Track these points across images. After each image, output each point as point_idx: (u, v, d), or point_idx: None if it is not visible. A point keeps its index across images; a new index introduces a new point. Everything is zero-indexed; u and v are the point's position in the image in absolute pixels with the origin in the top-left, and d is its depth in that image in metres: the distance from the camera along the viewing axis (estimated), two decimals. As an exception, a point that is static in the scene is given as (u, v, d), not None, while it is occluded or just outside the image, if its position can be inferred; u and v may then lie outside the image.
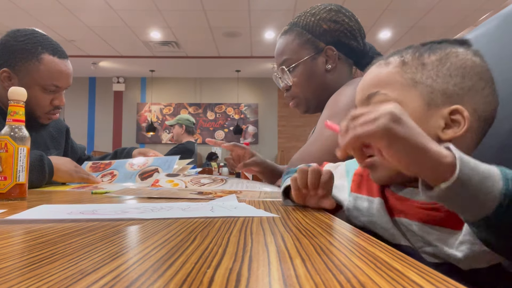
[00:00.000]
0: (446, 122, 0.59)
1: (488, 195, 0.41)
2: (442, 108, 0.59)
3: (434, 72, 0.60)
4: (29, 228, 0.42)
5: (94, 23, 5.27)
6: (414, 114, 0.59)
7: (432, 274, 0.25)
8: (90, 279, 0.23)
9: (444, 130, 0.58)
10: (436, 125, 0.59)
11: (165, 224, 0.45)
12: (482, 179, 0.42)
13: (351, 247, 0.34)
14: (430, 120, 0.59)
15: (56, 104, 1.30)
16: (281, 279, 0.24)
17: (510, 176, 0.42)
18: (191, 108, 7.79)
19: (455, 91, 0.59)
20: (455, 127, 0.58)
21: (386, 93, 0.62)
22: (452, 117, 0.58)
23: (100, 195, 0.91)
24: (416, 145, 0.42)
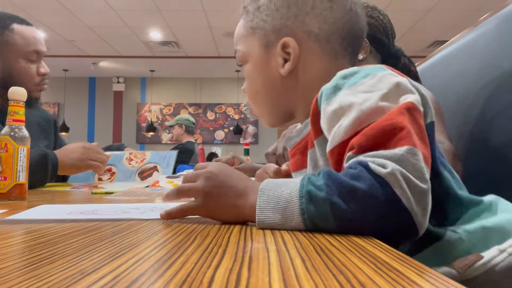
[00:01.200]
0: (285, 58, 0.60)
1: (293, 222, 0.40)
2: (276, 45, 0.60)
3: (265, 13, 0.62)
4: (29, 228, 0.41)
5: (94, 23, 5.27)
6: (257, 60, 0.63)
7: (432, 274, 0.25)
8: (90, 279, 0.23)
9: (284, 67, 0.60)
10: (276, 64, 0.61)
11: (165, 224, 0.45)
12: (283, 214, 0.41)
13: (351, 247, 0.34)
14: (271, 61, 0.61)
15: (43, 72, 1.28)
16: (281, 279, 0.24)
17: (304, 191, 0.41)
18: (191, 108, 7.79)
19: (283, 23, 0.60)
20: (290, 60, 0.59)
21: (239, 48, 0.66)
22: (286, 51, 0.60)
23: (100, 195, 0.91)
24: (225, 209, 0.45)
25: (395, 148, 0.40)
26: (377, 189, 0.38)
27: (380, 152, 0.41)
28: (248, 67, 0.65)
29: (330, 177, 0.41)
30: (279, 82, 0.62)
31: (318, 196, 0.39)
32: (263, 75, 0.63)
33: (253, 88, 0.66)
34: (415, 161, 0.40)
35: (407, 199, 0.38)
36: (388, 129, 0.42)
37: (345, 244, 0.35)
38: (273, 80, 0.62)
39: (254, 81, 0.65)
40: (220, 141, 7.70)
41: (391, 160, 0.39)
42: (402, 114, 0.43)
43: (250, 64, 0.65)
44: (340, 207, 0.38)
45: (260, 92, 0.65)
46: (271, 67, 0.61)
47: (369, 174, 0.39)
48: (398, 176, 0.38)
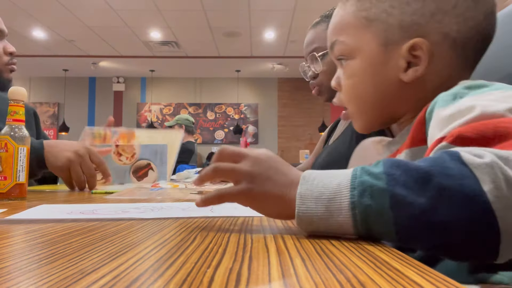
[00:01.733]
0: (409, 61, 0.51)
1: (340, 217, 0.34)
2: (401, 45, 0.51)
3: (388, 3, 0.51)
4: (29, 228, 0.41)
5: (94, 23, 5.27)
6: (371, 59, 0.53)
7: (432, 274, 0.25)
8: (90, 279, 0.23)
9: (407, 72, 0.51)
10: (396, 67, 0.51)
11: (165, 224, 0.45)
12: (328, 206, 0.35)
13: (351, 246, 0.34)
14: (389, 63, 0.52)
15: (10, 51, 1.25)
16: (281, 279, 0.24)
17: (358, 182, 0.34)
18: (191, 108, 7.79)
19: (415, 20, 0.50)
20: (418, 65, 0.50)
21: (343, 40, 0.55)
22: (414, 53, 0.50)
23: (100, 195, 0.90)
24: (272, 198, 0.39)
25: (503, 149, 0.33)
26: (460, 180, 0.31)
27: (482, 148, 0.33)
28: (354, 64, 0.55)
29: (394, 163, 0.34)
30: (395, 88, 0.52)
31: (375, 187, 0.33)
32: (376, 78, 0.53)
33: (359, 89, 0.55)
34: None
35: (497, 200, 0.30)
36: (503, 130, 0.35)
37: (345, 243, 0.35)
38: (387, 84, 0.53)
39: (361, 82, 0.55)
40: (220, 141, 7.70)
41: (495, 155, 0.32)
42: None
43: (358, 61, 0.54)
44: (404, 200, 0.31)
45: (367, 95, 0.55)
46: (389, 69, 0.52)
47: (452, 160, 0.32)
48: (496, 170, 0.30)
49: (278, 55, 6.50)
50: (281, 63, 6.83)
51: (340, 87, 0.58)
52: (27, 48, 6.06)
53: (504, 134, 0.34)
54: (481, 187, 0.30)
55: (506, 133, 0.34)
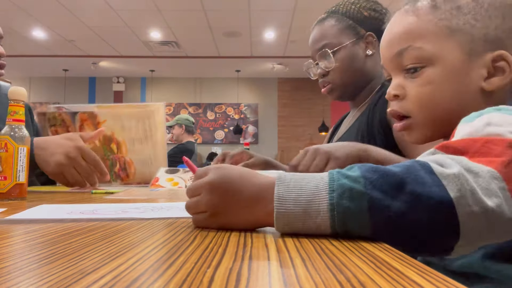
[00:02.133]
0: (489, 71, 0.53)
1: (319, 218, 0.35)
2: (483, 55, 0.53)
3: (471, 16, 0.54)
4: (29, 228, 0.41)
5: (94, 23, 5.27)
6: (453, 67, 0.54)
7: (432, 274, 0.25)
8: (90, 279, 0.23)
9: (488, 80, 0.53)
10: (478, 76, 0.53)
11: (165, 224, 0.45)
12: (306, 208, 0.36)
13: (351, 246, 0.34)
14: (472, 71, 0.53)
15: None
16: (281, 279, 0.24)
17: (336, 184, 0.35)
18: (191, 108, 7.79)
19: (497, 35, 0.53)
20: (499, 75, 0.53)
21: (421, 46, 0.55)
22: (496, 65, 0.53)
23: (100, 195, 0.90)
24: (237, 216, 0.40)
25: (477, 164, 0.37)
26: (430, 188, 0.34)
27: (460, 158, 0.38)
28: (432, 72, 0.55)
29: (370, 168, 0.36)
30: (473, 97, 0.54)
31: (354, 189, 0.35)
32: (456, 86, 0.54)
33: (436, 97, 0.55)
34: (494, 186, 0.35)
35: (461, 207, 0.34)
36: (485, 150, 0.39)
37: (345, 243, 0.35)
38: (466, 93, 0.54)
39: (439, 90, 0.55)
40: (220, 141, 7.70)
41: (464, 167, 0.36)
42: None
43: (438, 69, 0.55)
44: (381, 203, 0.34)
45: (443, 103, 0.55)
46: (470, 78, 0.53)
47: (423, 169, 0.36)
48: (462, 180, 0.35)
49: (278, 55, 6.50)
50: (281, 63, 6.83)
51: (403, 95, 0.58)
52: (27, 48, 6.06)
53: (485, 152, 0.38)
54: (449, 194, 0.34)
55: (488, 152, 0.38)
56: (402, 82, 0.58)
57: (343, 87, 1.13)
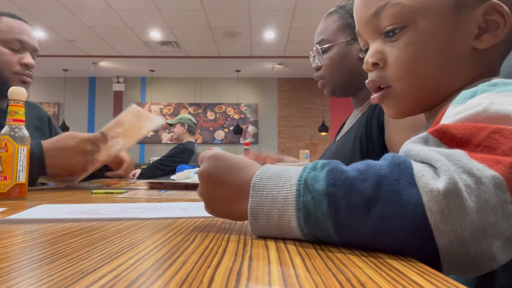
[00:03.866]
0: (480, 26, 0.45)
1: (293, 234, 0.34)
2: (474, 8, 0.45)
3: None
4: (29, 228, 0.41)
5: (94, 23, 5.27)
6: (438, 24, 0.46)
7: (432, 274, 0.25)
8: (90, 279, 0.23)
9: (480, 38, 0.45)
10: (468, 33, 0.46)
11: (165, 224, 0.45)
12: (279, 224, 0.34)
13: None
14: (460, 27, 0.46)
15: (25, 62, 1.24)
16: (281, 279, 0.24)
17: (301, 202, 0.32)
18: (191, 108, 7.79)
19: None
20: (492, 31, 0.45)
21: (400, 1, 0.47)
22: (488, 18, 0.45)
23: (100, 195, 0.91)
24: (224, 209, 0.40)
25: (480, 163, 0.30)
26: (403, 208, 0.29)
27: (458, 156, 0.31)
28: (414, 31, 0.47)
29: (337, 179, 0.32)
30: (463, 57, 0.46)
31: (318, 211, 0.31)
32: (443, 47, 0.46)
33: (420, 59, 0.47)
34: (495, 199, 0.29)
35: (443, 235, 0.28)
36: (493, 142, 0.32)
37: (345, 243, 0.35)
38: (456, 53, 0.46)
39: (423, 52, 0.47)
40: (220, 141, 7.70)
41: (461, 167, 0.29)
42: None
43: (420, 27, 0.47)
44: (347, 226, 0.31)
45: (429, 66, 0.47)
46: (459, 36, 0.45)
47: (403, 177, 0.29)
48: (449, 199, 0.28)
49: (278, 55, 6.50)
50: (281, 63, 6.83)
51: (383, 63, 0.50)
52: (27, 48, 6.06)
53: (491, 146, 0.31)
54: (426, 217, 0.28)
55: (494, 146, 0.31)
56: (381, 48, 0.50)
57: (333, 84, 1.14)
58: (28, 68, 1.26)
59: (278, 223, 0.34)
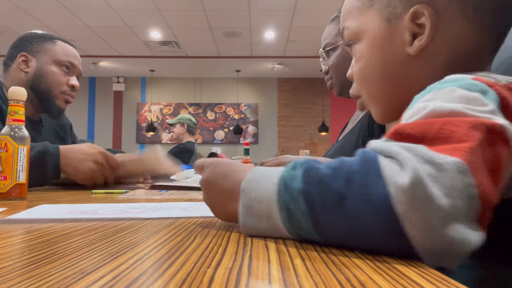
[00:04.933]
0: (414, 32, 0.47)
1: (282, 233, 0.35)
2: (401, 17, 0.48)
3: None
4: (29, 228, 0.41)
5: (94, 23, 5.27)
6: (375, 37, 0.50)
7: (432, 274, 0.25)
8: (90, 279, 0.23)
9: (413, 44, 0.47)
10: (402, 41, 0.48)
11: (165, 224, 0.45)
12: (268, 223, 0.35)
13: (351, 246, 0.34)
14: (394, 38, 0.48)
15: (72, 84, 1.34)
16: (281, 279, 0.24)
17: (282, 202, 0.34)
18: (191, 108, 7.79)
19: None
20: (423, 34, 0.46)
21: (349, 25, 0.54)
22: (418, 22, 0.47)
23: (100, 195, 0.91)
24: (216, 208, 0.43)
25: (441, 153, 0.31)
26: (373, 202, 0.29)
27: (418, 148, 0.31)
28: (360, 47, 0.53)
29: (311, 176, 0.33)
30: (404, 64, 0.49)
31: (298, 211, 0.33)
32: (383, 56, 0.50)
33: (367, 72, 0.52)
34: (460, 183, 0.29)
35: (413, 225, 0.28)
36: (446, 133, 0.33)
37: (345, 243, 0.35)
38: (395, 61, 0.49)
39: (369, 64, 0.52)
40: (220, 141, 7.70)
41: (426, 162, 0.30)
42: (477, 129, 0.33)
43: (364, 43, 0.52)
44: (323, 222, 0.32)
45: (376, 77, 0.52)
46: (395, 45, 0.48)
47: (371, 172, 0.30)
48: (416, 189, 0.29)
49: (278, 55, 6.49)
50: (281, 63, 6.83)
51: (352, 75, 0.56)
52: (27, 48, 6.05)
53: (446, 137, 0.32)
54: (395, 208, 0.29)
55: (448, 136, 0.32)
56: (353, 62, 0.56)
57: (340, 83, 1.17)
58: (74, 90, 1.37)
59: (267, 223, 0.35)
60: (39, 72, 1.28)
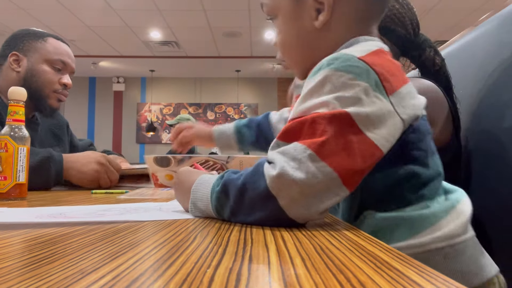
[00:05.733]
0: (317, 8, 0.57)
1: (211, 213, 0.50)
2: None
3: None
4: (29, 228, 0.41)
5: (94, 23, 5.26)
6: (287, 14, 0.60)
7: (432, 274, 0.25)
8: (90, 279, 0.23)
9: (317, 18, 0.57)
10: (309, 16, 0.58)
11: (165, 224, 0.45)
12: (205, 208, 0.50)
13: (351, 246, 0.34)
14: (303, 14, 0.58)
15: (64, 82, 1.32)
16: (281, 279, 0.24)
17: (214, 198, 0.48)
18: (191, 108, 7.79)
19: None
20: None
21: (266, 2, 0.63)
22: (319, 0, 0.57)
23: (100, 195, 0.90)
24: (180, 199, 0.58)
25: (303, 145, 0.44)
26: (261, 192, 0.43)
27: (289, 147, 0.45)
28: (278, 22, 0.63)
29: (226, 181, 0.47)
30: (313, 35, 0.59)
31: (221, 203, 0.48)
32: (296, 29, 0.60)
33: (286, 42, 0.63)
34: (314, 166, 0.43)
35: (287, 203, 0.43)
36: (312, 129, 0.45)
37: (345, 243, 0.35)
38: (306, 33, 0.59)
39: (286, 35, 0.62)
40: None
41: (288, 158, 0.44)
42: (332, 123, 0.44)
43: (280, 19, 0.62)
44: (233, 210, 0.46)
45: (293, 46, 0.63)
46: (304, 20, 0.58)
47: (259, 173, 0.44)
48: (282, 179, 0.42)
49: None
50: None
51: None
52: (27, 48, 6.05)
53: (312, 133, 0.45)
54: (273, 194, 0.43)
55: (313, 132, 0.44)
56: (276, 34, 0.66)
57: None
58: (66, 88, 1.35)
59: (207, 213, 0.51)
60: (30, 71, 1.27)
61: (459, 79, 1.05)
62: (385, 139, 0.47)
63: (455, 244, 0.51)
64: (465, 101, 0.99)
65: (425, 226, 0.51)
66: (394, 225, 0.52)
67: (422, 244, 0.50)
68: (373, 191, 0.53)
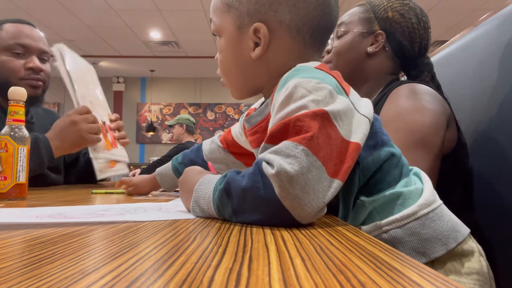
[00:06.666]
0: (256, 41, 0.61)
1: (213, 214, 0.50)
2: (248, 28, 0.61)
3: None
4: (29, 228, 0.41)
5: (94, 23, 5.27)
6: (230, 38, 0.64)
7: (432, 274, 0.25)
8: (90, 279, 0.23)
9: (254, 50, 0.61)
10: (248, 46, 0.62)
11: (165, 224, 0.45)
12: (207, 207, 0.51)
13: (351, 247, 0.34)
14: (243, 42, 0.62)
15: (30, 66, 1.22)
16: (281, 279, 0.24)
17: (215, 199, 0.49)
18: (191, 108, 7.79)
19: (257, 9, 0.60)
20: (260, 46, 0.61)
21: (214, 20, 0.66)
22: (258, 35, 0.61)
23: (100, 195, 0.90)
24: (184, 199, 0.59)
25: (294, 143, 0.45)
26: (262, 190, 0.44)
27: (281, 146, 0.46)
28: (221, 41, 0.66)
29: (228, 179, 0.48)
30: (249, 64, 0.63)
31: (223, 202, 0.48)
32: (235, 55, 0.64)
33: (225, 63, 0.67)
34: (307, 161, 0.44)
35: (288, 200, 0.43)
36: (297, 127, 0.47)
37: (345, 244, 0.35)
38: (243, 61, 0.63)
39: (226, 57, 0.66)
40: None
41: (283, 156, 0.45)
42: (314, 119, 0.47)
43: (223, 39, 0.65)
44: (237, 212, 0.47)
45: (231, 69, 0.67)
46: (243, 48, 0.62)
47: (258, 173, 0.45)
48: (280, 177, 0.43)
49: (278, 55, 6.50)
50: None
51: None
52: (27, 48, 6.05)
53: (298, 130, 0.46)
54: (274, 192, 0.43)
55: (299, 130, 0.46)
56: (218, 52, 0.69)
57: (335, 69, 1.14)
58: (35, 72, 1.23)
59: (208, 213, 0.51)
60: None
61: (459, 79, 1.05)
62: (354, 132, 0.52)
63: (435, 208, 0.57)
64: (465, 101, 0.99)
65: (413, 199, 0.57)
66: (388, 201, 0.57)
67: (414, 212, 0.55)
68: (367, 173, 0.57)
